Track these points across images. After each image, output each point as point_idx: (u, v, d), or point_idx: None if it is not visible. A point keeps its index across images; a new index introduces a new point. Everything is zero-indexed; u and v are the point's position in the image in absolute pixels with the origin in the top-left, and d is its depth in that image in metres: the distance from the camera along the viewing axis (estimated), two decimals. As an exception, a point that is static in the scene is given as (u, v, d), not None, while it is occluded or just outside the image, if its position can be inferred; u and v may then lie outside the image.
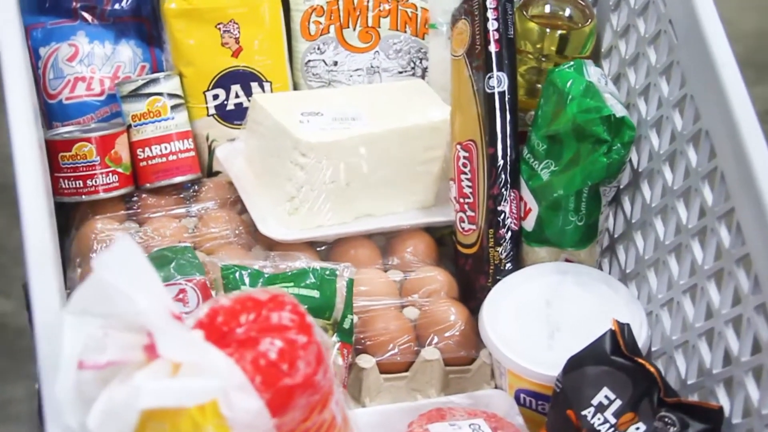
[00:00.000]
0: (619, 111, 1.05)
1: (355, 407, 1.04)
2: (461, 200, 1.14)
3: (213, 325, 0.71)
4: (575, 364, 0.95)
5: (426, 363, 1.06)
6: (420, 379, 1.06)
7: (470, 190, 1.13)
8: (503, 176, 1.11)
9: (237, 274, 1.00)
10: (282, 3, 1.25)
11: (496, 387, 1.07)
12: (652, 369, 0.91)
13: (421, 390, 1.07)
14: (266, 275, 1.00)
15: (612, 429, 0.91)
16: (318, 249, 1.15)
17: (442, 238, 1.22)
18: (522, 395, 1.02)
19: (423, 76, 1.29)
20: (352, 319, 1.02)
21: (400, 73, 1.29)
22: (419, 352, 1.07)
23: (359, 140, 1.13)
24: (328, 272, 1.02)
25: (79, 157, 1.14)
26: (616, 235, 1.15)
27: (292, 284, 1.00)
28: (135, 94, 1.18)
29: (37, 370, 0.72)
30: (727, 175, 0.90)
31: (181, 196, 1.21)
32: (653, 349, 1.03)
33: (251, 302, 0.72)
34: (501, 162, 1.11)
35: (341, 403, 0.76)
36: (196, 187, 1.22)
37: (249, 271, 1.00)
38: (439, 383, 1.07)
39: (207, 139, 1.24)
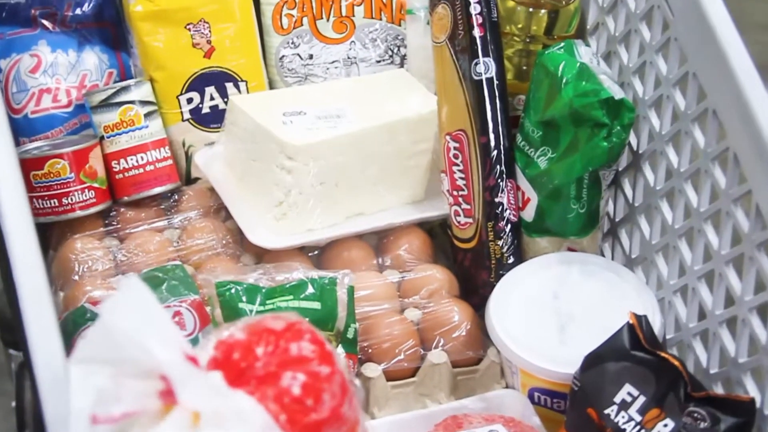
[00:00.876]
0: (618, 93, 1.01)
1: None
2: (455, 193, 1.10)
3: (230, 362, 0.66)
4: (593, 360, 0.91)
5: (433, 367, 1.02)
6: (428, 383, 1.02)
7: (464, 182, 1.09)
8: (498, 166, 1.07)
9: (233, 291, 0.95)
10: (252, -3, 1.20)
11: (507, 386, 1.03)
12: (675, 362, 0.88)
13: (430, 395, 1.03)
14: (264, 289, 0.96)
15: (638, 427, 0.87)
16: (309, 254, 1.10)
17: (432, 230, 1.18)
18: (536, 394, 0.99)
19: (401, 64, 1.24)
20: (355, 328, 0.98)
21: (378, 62, 1.24)
22: (425, 356, 1.03)
23: (346, 139, 1.08)
24: (327, 281, 0.98)
25: (52, 175, 1.08)
26: (617, 219, 1.11)
27: (291, 297, 0.95)
28: (105, 104, 1.12)
29: (12, 386, 0.67)
30: (741, 156, 0.86)
31: (162, 207, 1.16)
32: (667, 336, 1.00)
33: (267, 333, 0.68)
34: (495, 152, 1.07)
35: (366, 430, 0.72)
36: (176, 196, 1.16)
37: (245, 286, 0.95)
38: (448, 386, 1.03)
39: (183, 145, 1.19)
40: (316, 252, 1.11)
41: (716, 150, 0.91)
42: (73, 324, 0.93)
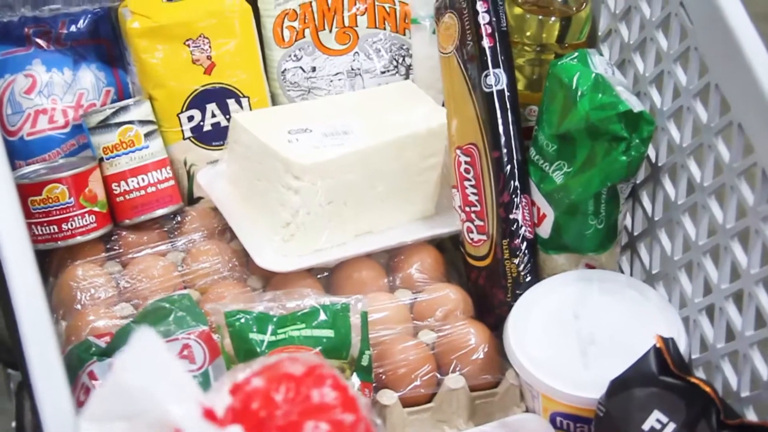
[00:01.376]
0: (636, 105, 0.97)
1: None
2: (467, 209, 1.07)
3: (248, 412, 0.63)
4: (620, 386, 0.88)
5: (451, 392, 0.99)
6: (446, 409, 0.99)
7: (476, 197, 1.06)
8: (512, 182, 1.03)
9: (243, 320, 0.92)
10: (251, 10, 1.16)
11: (527, 409, 1.00)
12: (707, 388, 0.85)
13: (448, 421, 0.99)
14: (275, 318, 0.92)
15: (668, 455, 0.84)
16: (318, 276, 1.07)
17: (441, 244, 1.15)
18: (558, 418, 0.96)
19: (407, 75, 1.21)
20: (369, 355, 0.94)
21: (383, 73, 1.20)
22: (442, 381, 0.99)
23: (355, 157, 1.05)
24: (340, 307, 0.94)
25: (51, 200, 1.05)
26: (635, 233, 1.08)
27: (303, 326, 0.92)
28: (104, 125, 1.09)
29: (12, 406, 0.63)
30: (770, 172, 0.83)
31: (164, 229, 1.12)
32: (693, 356, 0.97)
33: (287, 379, 0.64)
34: (508, 166, 1.03)
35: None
36: (178, 218, 1.13)
37: (255, 315, 0.92)
38: (466, 412, 1.00)
39: (185, 164, 1.15)
40: (325, 273, 1.07)
41: (743, 165, 0.87)
42: (78, 360, 0.90)
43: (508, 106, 1.04)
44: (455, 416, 0.99)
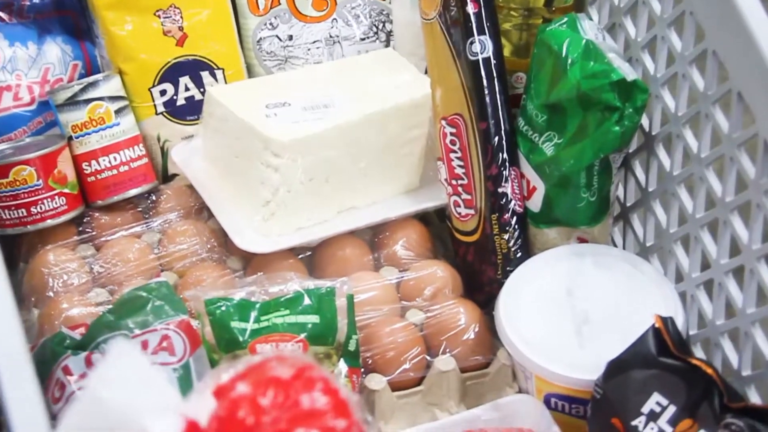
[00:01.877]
0: (629, 73, 0.93)
1: (369, 433, 0.94)
2: (454, 182, 1.03)
3: (234, 420, 0.59)
4: (617, 368, 0.85)
5: (441, 375, 0.95)
6: (436, 392, 0.96)
7: (463, 170, 1.02)
8: (501, 154, 0.99)
9: (223, 308, 0.87)
10: (224, -24, 1.10)
11: (519, 390, 0.96)
12: (709, 370, 0.81)
13: (439, 404, 0.96)
14: (257, 305, 0.88)
15: (669, 439, 0.81)
16: (301, 255, 1.02)
17: (426, 216, 1.11)
18: (553, 400, 0.92)
19: (387, 42, 1.16)
20: (357, 339, 0.91)
21: (363, 40, 1.15)
22: (432, 364, 0.96)
23: (336, 131, 1.00)
24: (325, 291, 0.90)
25: (18, 183, 1.00)
26: (628, 204, 1.04)
27: (288, 312, 0.88)
28: (72, 102, 1.03)
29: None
30: (773, 144, 0.79)
31: (139, 209, 1.07)
32: (690, 333, 0.94)
33: (274, 384, 0.61)
34: (496, 138, 0.99)
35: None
36: (153, 197, 1.08)
37: (236, 302, 0.88)
38: (457, 394, 0.96)
39: (158, 140, 1.10)
40: (308, 253, 1.03)
41: (743, 136, 0.83)
42: (52, 353, 0.86)
43: (495, 75, 1.00)
44: (446, 399, 0.96)
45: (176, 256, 1.02)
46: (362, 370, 0.93)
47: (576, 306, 0.94)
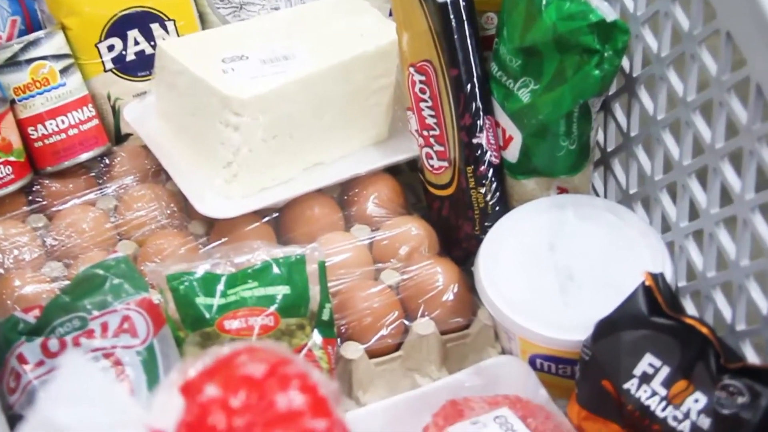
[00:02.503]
0: (608, 13, 0.87)
1: (347, 403, 0.89)
2: (425, 133, 0.97)
3: (205, 427, 0.54)
4: (607, 329, 0.81)
5: (420, 339, 0.91)
6: (416, 357, 0.91)
7: (434, 120, 0.96)
8: (474, 103, 0.94)
9: (187, 284, 0.82)
10: None
11: (503, 350, 0.92)
12: (704, 329, 0.77)
13: (419, 369, 0.92)
14: (223, 278, 0.83)
15: (663, 402, 0.77)
16: (267, 218, 0.97)
17: (396, 168, 1.05)
18: (539, 360, 0.88)
19: (348, -18, 1.09)
20: (330, 308, 0.86)
21: (321, -19, 1.09)
22: (410, 328, 0.91)
23: (298, 85, 0.94)
24: (294, 259, 0.85)
25: (-41, 154, 0.93)
26: (609, 149, 0.99)
27: (257, 284, 0.83)
28: (13, 63, 0.97)
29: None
30: (766, 88, 0.74)
31: (92, 174, 1.02)
32: (679, 285, 0.89)
33: (247, 383, 0.55)
34: (468, 85, 0.94)
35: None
36: (106, 160, 1.02)
37: (201, 276, 0.82)
38: (437, 358, 0.92)
39: (109, 99, 1.04)
40: (275, 215, 0.98)
41: (732, 79, 0.78)
42: (5, 340, 0.80)
43: (465, 18, 0.93)
44: (426, 363, 0.92)
45: (134, 223, 0.96)
46: (338, 339, 0.88)
47: (559, 262, 0.89)
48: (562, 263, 0.89)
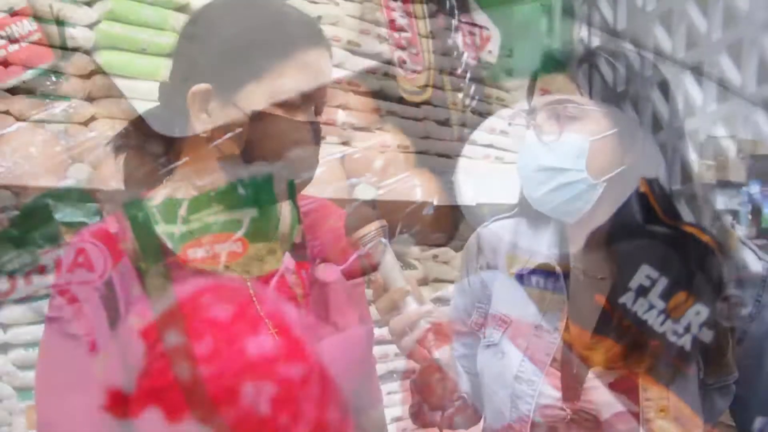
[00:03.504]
0: None
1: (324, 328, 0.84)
2: (396, 35, 0.90)
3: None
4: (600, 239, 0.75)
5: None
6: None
7: (406, 21, 0.89)
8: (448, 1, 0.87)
9: (147, 211, 0.75)
10: None
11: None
12: (704, 237, 0.72)
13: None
14: (185, 202, 0.76)
15: (662, 316, 0.72)
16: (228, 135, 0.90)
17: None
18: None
19: None
20: (302, 229, 0.79)
21: None
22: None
23: None
24: (260, 180, 0.78)
25: None
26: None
27: (221, 207, 0.76)
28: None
29: None
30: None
31: (38, 94, 0.94)
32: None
33: (211, 326, 0.49)
34: (442, -18, 0.87)
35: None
36: (53, 77, 0.94)
37: (161, 203, 0.76)
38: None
39: (51, 9, 0.95)
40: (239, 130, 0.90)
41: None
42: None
43: None
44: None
45: (87, 145, 0.89)
46: (313, 262, 0.82)
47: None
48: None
